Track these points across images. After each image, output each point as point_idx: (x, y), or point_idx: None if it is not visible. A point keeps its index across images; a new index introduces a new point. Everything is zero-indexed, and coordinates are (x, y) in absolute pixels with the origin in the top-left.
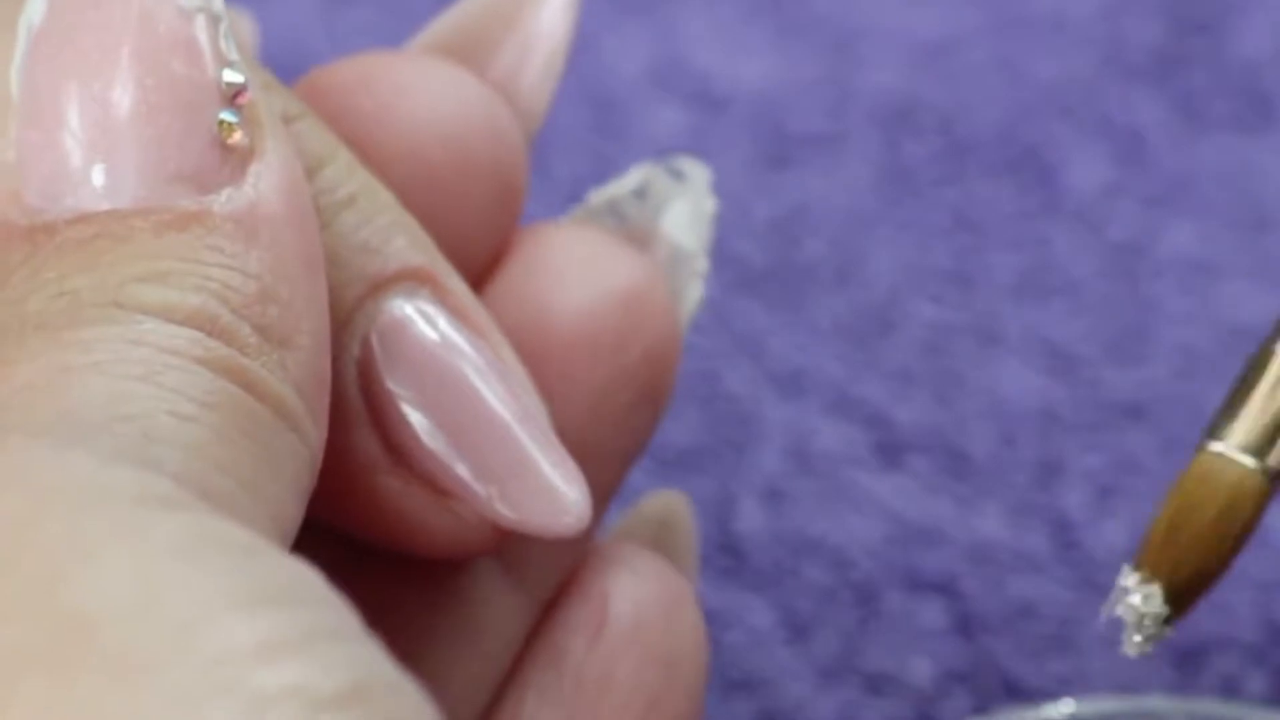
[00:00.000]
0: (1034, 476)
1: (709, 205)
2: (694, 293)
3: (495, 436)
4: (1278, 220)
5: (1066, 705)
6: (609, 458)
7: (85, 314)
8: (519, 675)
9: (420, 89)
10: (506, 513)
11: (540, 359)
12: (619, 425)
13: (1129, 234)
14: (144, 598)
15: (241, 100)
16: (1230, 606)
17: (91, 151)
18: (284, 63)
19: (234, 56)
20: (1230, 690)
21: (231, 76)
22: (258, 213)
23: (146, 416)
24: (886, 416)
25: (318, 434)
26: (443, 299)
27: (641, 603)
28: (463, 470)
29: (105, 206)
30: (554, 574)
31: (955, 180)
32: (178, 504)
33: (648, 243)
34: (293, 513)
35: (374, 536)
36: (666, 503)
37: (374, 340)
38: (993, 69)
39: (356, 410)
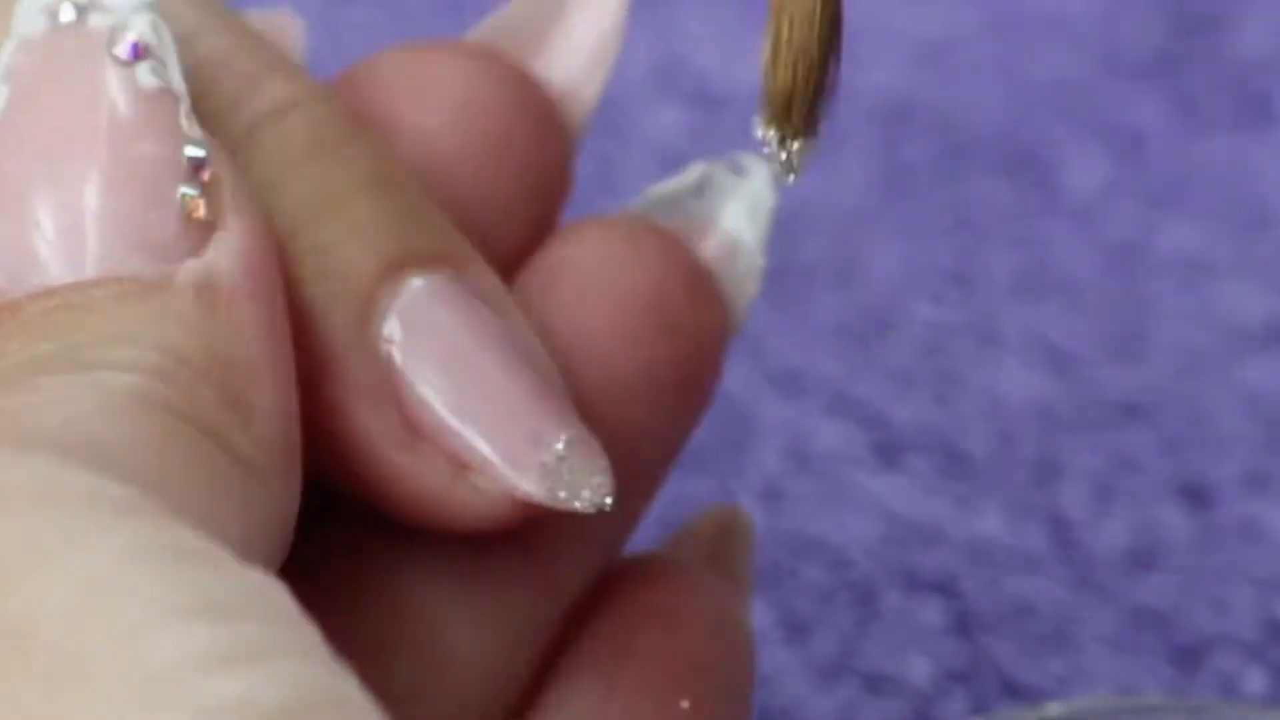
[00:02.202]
0: (1033, 476)
1: (769, 201)
2: (750, 288)
3: (515, 412)
4: (1277, 220)
5: (1065, 705)
6: (642, 453)
7: (45, 367)
8: (549, 687)
9: (453, 76)
10: (527, 487)
11: (568, 350)
12: (652, 420)
13: (1128, 234)
14: (90, 603)
15: (204, 175)
16: (1229, 604)
17: (59, 227)
18: None
19: (195, 134)
20: (1229, 688)
21: (194, 151)
22: (218, 284)
23: (105, 445)
24: (885, 416)
25: (289, 494)
26: (464, 279)
27: (682, 619)
28: (482, 444)
29: (68, 279)
30: (582, 574)
31: (955, 180)
32: (134, 509)
33: (705, 237)
34: (262, 556)
35: (395, 512)
36: (727, 513)
37: (394, 317)
38: (992, 69)
39: (376, 386)
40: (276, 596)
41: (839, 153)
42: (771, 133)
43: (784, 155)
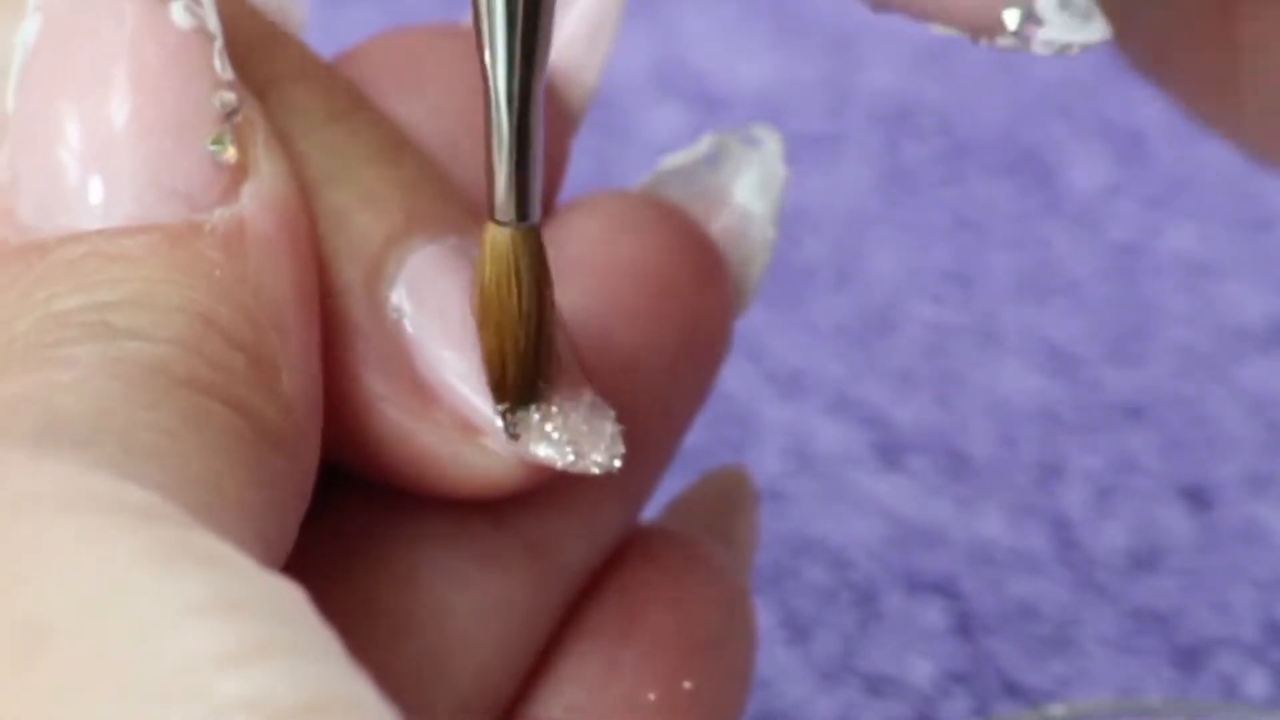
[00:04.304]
0: (1034, 477)
1: (780, 173)
2: (761, 261)
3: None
4: (1278, 220)
5: (1067, 706)
6: (647, 430)
7: (72, 333)
8: (551, 664)
9: (445, 59)
10: (537, 450)
11: (572, 325)
12: (657, 396)
13: (1129, 234)
14: (106, 603)
15: (236, 119)
16: (1230, 606)
17: (87, 169)
18: None
19: (228, 75)
20: (1230, 690)
21: (226, 95)
22: (247, 232)
23: (128, 431)
24: (886, 417)
25: (310, 455)
26: (470, 245)
27: (688, 598)
28: (491, 407)
29: (98, 225)
30: (586, 560)
31: (955, 180)
32: (154, 514)
33: (717, 211)
34: (282, 533)
35: (404, 478)
36: (728, 477)
37: (403, 282)
38: (993, 69)
39: (386, 350)
40: (293, 598)
41: (839, 153)
42: (499, 406)
43: (512, 425)
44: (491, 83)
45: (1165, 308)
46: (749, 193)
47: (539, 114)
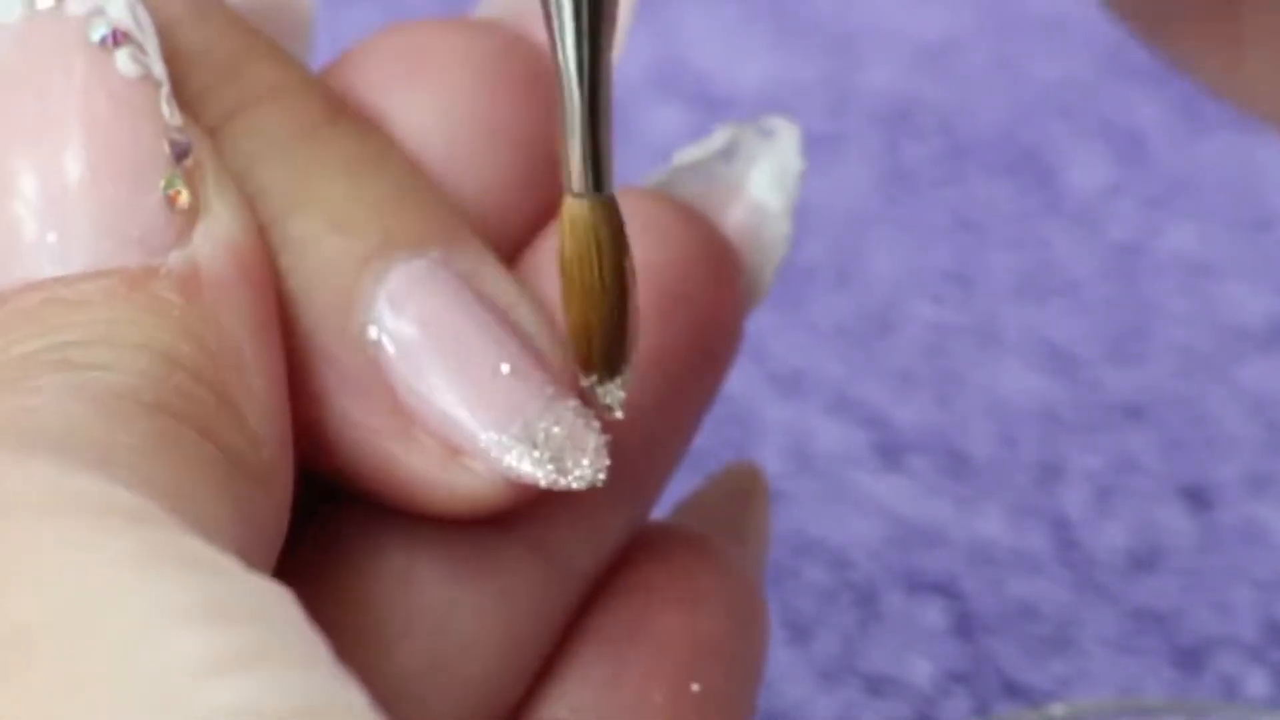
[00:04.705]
0: (1034, 477)
1: (797, 165)
2: (776, 256)
3: (504, 393)
4: (1278, 220)
5: (1067, 706)
6: (656, 431)
7: (35, 369)
8: (557, 666)
9: (453, 54)
10: (520, 467)
11: None
12: (666, 397)
13: (1129, 234)
14: (90, 610)
15: (186, 162)
16: (1230, 606)
17: (43, 221)
18: None
19: (176, 120)
20: (1230, 690)
21: (175, 138)
22: (201, 274)
23: (105, 445)
24: (886, 417)
25: (283, 490)
26: (450, 259)
27: (697, 599)
28: (473, 428)
29: (56, 273)
30: (593, 562)
31: (955, 180)
32: (140, 516)
33: (731, 206)
34: (259, 560)
35: (389, 500)
36: (741, 473)
37: (378, 306)
38: (993, 70)
39: (363, 377)
40: (281, 602)
41: (839, 153)
42: (590, 379)
43: (602, 397)
44: (561, 54)
45: (1165, 308)
46: (764, 186)
47: (609, 82)
